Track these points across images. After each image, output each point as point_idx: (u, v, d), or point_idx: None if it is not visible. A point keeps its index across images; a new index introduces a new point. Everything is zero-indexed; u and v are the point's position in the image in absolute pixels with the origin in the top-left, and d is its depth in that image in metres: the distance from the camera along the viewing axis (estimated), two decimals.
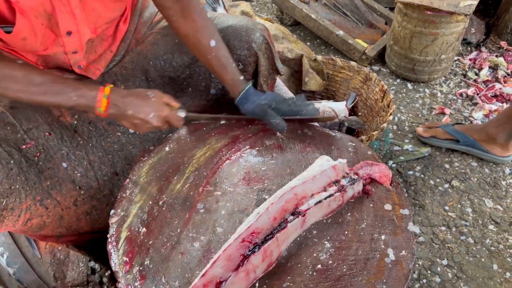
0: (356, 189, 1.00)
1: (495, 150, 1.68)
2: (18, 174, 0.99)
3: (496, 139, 1.65)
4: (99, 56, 1.14)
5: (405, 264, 0.87)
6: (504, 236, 1.49)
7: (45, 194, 1.06)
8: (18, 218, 0.98)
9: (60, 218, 1.11)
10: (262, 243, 0.82)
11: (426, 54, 2.05)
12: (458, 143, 1.74)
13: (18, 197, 0.97)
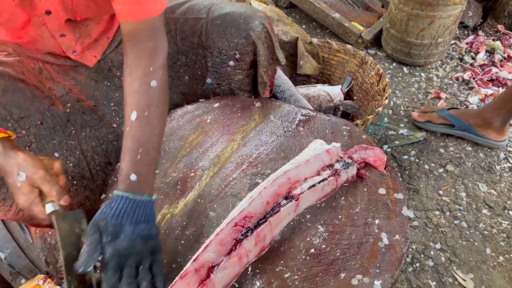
0: (350, 173, 0.99)
1: (491, 135, 1.67)
2: None
3: (492, 123, 1.64)
4: (95, 41, 1.10)
5: (398, 248, 0.87)
6: (497, 220, 1.49)
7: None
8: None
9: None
10: (255, 228, 0.81)
11: (422, 38, 2.03)
12: (453, 127, 1.73)
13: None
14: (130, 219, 0.78)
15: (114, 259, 0.74)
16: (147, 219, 0.80)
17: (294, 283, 0.81)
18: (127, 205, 0.78)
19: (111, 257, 0.74)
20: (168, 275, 0.82)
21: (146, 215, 0.80)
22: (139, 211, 0.79)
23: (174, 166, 1.04)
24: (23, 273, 1.31)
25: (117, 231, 0.76)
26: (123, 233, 0.76)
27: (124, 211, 0.78)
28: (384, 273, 0.82)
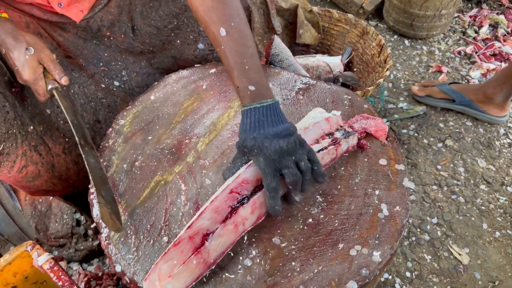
0: (350, 142, 0.96)
1: (492, 110, 1.64)
2: (15, 118, 0.93)
3: (494, 99, 1.61)
4: None
5: (398, 219, 0.84)
6: (495, 196, 1.48)
7: (39, 139, 1.01)
8: (14, 164, 0.94)
9: (52, 166, 1.06)
10: (251, 195, 0.78)
11: (426, 9, 1.97)
12: (454, 102, 1.70)
13: (14, 142, 0.92)
14: (266, 125, 0.79)
15: (268, 165, 0.76)
16: (280, 120, 0.81)
17: (291, 253, 0.79)
18: (258, 114, 0.80)
19: (265, 164, 0.76)
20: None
21: (277, 116, 0.81)
22: (271, 115, 0.81)
23: (168, 133, 1.00)
24: (12, 241, 1.28)
25: (260, 142, 0.77)
26: (266, 141, 0.77)
27: (258, 121, 0.80)
28: (384, 244, 0.80)
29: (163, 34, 1.18)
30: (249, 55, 0.84)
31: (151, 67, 1.21)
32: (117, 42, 1.15)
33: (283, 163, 0.77)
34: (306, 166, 0.78)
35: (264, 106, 0.81)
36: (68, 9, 1.01)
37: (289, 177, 0.76)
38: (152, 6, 1.13)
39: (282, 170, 0.77)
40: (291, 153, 0.78)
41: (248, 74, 0.83)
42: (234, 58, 0.84)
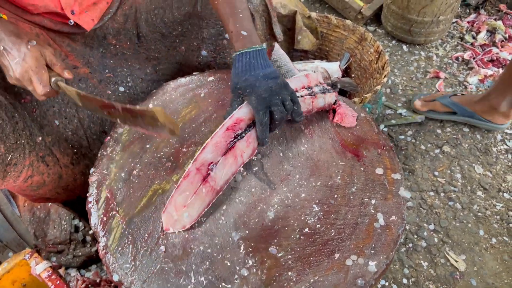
0: (327, 99, 1.04)
1: (496, 119, 1.63)
2: (23, 128, 0.94)
3: (498, 108, 1.60)
4: (93, 4, 1.05)
5: (394, 229, 0.85)
6: (492, 203, 1.49)
7: (47, 150, 1.02)
8: (20, 174, 0.94)
9: (59, 177, 1.07)
10: (245, 131, 0.90)
11: (424, 15, 1.97)
12: (456, 114, 1.69)
13: (22, 152, 0.93)
14: (257, 68, 0.92)
15: (260, 103, 0.87)
16: (268, 64, 0.94)
17: (288, 262, 0.79)
18: (249, 58, 0.92)
19: (257, 101, 0.87)
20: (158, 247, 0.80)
21: (265, 61, 0.94)
22: (260, 59, 0.93)
23: (166, 141, 1.00)
24: (11, 246, 1.29)
25: (252, 82, 0.90)
26: (257, 81, 0.90)
27: (249, 64, 0.92)
28: (379, 254, 0.81)
29: (168, 40, 1.19)
30: (243, 7, 0.98)
31: (156, 73, 1.22)
32: (123, 49, 1.16)
33: (272, 101, 0.88)
34: (290, 105, 0.89)
35: (254, 51, 0.93)
36: (80, 17, 1.02)
37: (277, 113, 0.87)
38: (157, 14, 1.14)
39: (271, 107, 0.87)
40: (278, 93, 0.89)
41: (242, 22, 0.96)
42: (231, 8, 0.97)
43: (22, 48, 0.86)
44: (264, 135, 0.89)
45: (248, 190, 0.90)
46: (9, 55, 0.86)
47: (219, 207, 0.87)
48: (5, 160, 0.88)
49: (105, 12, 1.09)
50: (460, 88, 1.91)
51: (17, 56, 0.86)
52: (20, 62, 0.86)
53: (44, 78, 0.87)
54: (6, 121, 0.89)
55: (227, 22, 0.98)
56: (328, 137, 1.02)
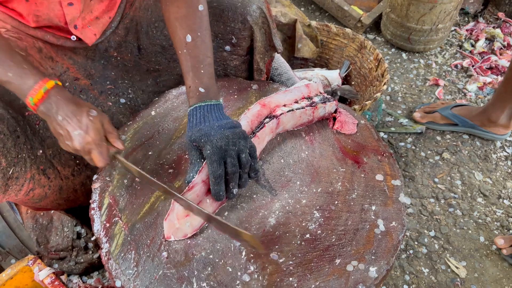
0: (327, 109, 1.05)
1: (497, 130, 1.65)
2: (25, 142, 0.94)
3: (498, 121, 1.61)
4: (95, 18, 1.06)
5: (394, 235, 0.86)
6: (492, 209, 1.49)
7: (48, 163, 1.02)
8: (21, 188, 0.94)
9: (60, 189, 1.07)
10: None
11: (423, 23, 1.99)
12: (457, 126, 1.70)
13: (23, 166, 0.93)
14: (212, 119, 0.88)
15: (215, 153, 0.83)
16: (224, 117, 0.90)
17: (289, 268, 0.80)
18: (204, 111, 0.89)
19: (212, 151, 0.83)
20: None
21: (221, 114, 0.91)
22: (215, 112, 0.90)
23: (168, 148, 1.01)
24: (13, 253, 1.29)
25: (207, 131, 0.86)
26: (212, 130, 0.86)
27: (204, 116, 0.88)
28: (380, 260, 0.82)
29: (168, 52, 1.20)
30: (206, 63, 0.95)
31: (157, 85, 1.23)
32: (124, 61, 1.17)
33: (228, 152, 0.84)
34: (246, 158, 0.85)
35: (209, 104, 0.90)
36: (83, 32, 1.03)
37: (229, 166, 0.83)
38: (157, 26, 1.16)
39: (225, 158, 0.84)
40: (235, 144, 0.85)
41: (202, 78, 0.93)
42: (193, 62, 0.94)
43: (83, 119, 0.83)
44: (218, 188, 0.84)
45: (249, 196, 0.91)
46: (68, 126, 0.82)
47: (221, 213, 0.88)
48: (7, 174, 0.88)
49: (107, 26, 1.11)
50: (460, 96, 1.93)
51: (78, 128, 0.82)
52: (83, 135, 0.82)
53: (104, 152, 0.84)
54: (8, 136, 0.89)
55: (186, 75, 0.94)
56: (328, 144, 1.03)
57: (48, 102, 0.82)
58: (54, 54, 1.06)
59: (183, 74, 0.96)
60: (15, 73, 0.81)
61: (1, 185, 0.87)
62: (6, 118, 0.91)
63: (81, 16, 1.01)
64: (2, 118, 0.90)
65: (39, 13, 0.97)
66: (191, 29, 0.95)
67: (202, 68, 0.94)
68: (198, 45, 0.95)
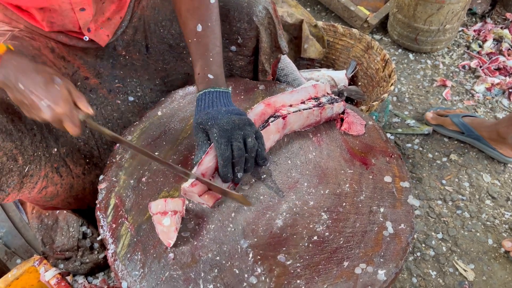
0: (335, 109, 1.04)
1: (504, 150, 1.60)
2: (41, 140, 0.95)
3: (507, 139, 1.56)
4: (107, 20, 1.07)
5: (403, 237, 0.85)
6: (500, 211, 1.48)
7: (61, 161, 1.02)
8: (35, 185, 0.95)
9: (71, 187, 1.08)
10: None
11: (430, 23, 1.98)
12: (464, 135, 1.67)
13: (38, 164, 0.93)
14: (220, 104, 0.90)
15: (222, 135, 0.84)
16: (231, 104, 0.92)
17: (296, 270, 0.79)
18: (212, 96, 0.91)
19: (219, 134, 0.84)
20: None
21: (229, 101, 0.93)
22: (223, 98, 0.92)
23: (175, 149, 1.01)
24: (19, 253, 1.29)
25: (214, 115, 0.87)
26: (219, 114, 0.87)
27: (212, 101, 0.90)
28: (388, 263, 0.81)
29: (175, 51, 1.20)
30: (215, 52, 0.97)
31: (165, 85, 1.23)
32: (132, 60, 1.17)
33: (234, 135, 0.85)
34: (253, 142, 0.86)
35: (217, 91, 0.92)
36: (96, 34, 1.04)
37: (235, 149, 0.84)
38: (165, 25, 1.16)
39: (232, 142, 0.84)
40: (241, 128, 0.86)
41: (211, 66, 0.95)
42: (202, 50, 0.96)
43: (49, 89, 0.79)
44: (227, 170, 0.85)
45: (256, 197, 0.91)
46: (33, 96, 0.78)
47: (228, 215, 0.88)
48: (23, 172, 0.88)
49: (118, 26, 1.11)
50: (467, 97, 1.91)
51: (46, 98, 0.79)
52: (52, 107, 0.79)
53: (76, 120, 0.83)
54: (25, 133, 0.90)
55: (196, 63, 0.97)
56: (336, 145, 1.02)
57: (3, 69, 0.79)
58: (66, 54, 1.07)
59: (193, 62, 0.98)
60: None
61: (16, 182, 0.87)
62: (23, 116, 0.92)
63: (94, 19, 1.01)
64: (20, 116, 0.91)
65: (53, 19, 0.98)
66: (201, 19, 0.98)
67: (211, 57, 0.96)
68: (208, 35, 0.98)
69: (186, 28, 0.99)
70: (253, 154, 0.87)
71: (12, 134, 0.86)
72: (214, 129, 0.85)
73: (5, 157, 0.84)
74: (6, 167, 0.84)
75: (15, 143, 0.86)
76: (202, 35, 0.97)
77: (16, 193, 0.89)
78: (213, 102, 0.91)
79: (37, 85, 0.79)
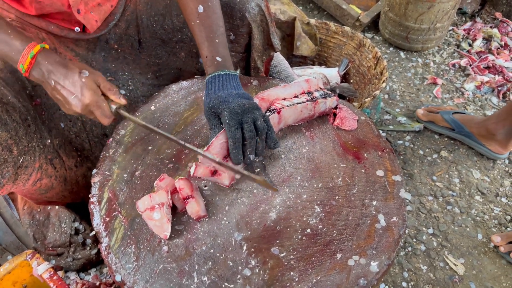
0: (328, 104, 1.05)
1: (493, 147, 1.62)
2: (35, 131, 0.95)
3: (496, 135, 1.58)
4: (98, 5, 1.06)
5: (395, 230, 0.86)
6: (489, 207, 1.50)
7: (54, 153, 1.02)
8: (29, 177, 0.95)
9: (65, 180, 1.08)
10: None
11: (421, 22, 2.00)
12: (454, 131, 1.69)
13: (33, 155, 0.93)
14: (229, 87, 0.91)
15: (232, 118, 0.85)
16: (240, 87, 0.94)
17: (290, 262, 0.80)
18: (222, 79, 0.92)
19: (229, 117, 0.86)
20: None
21: (238, 84, 0.94)
22: (233, 81, 0.93)
23: (168, 143, 1.01)
24: (10, 250, 1.28)
25: (225, 98, 0.88)
26: (230, 97, 0.89)
27: (222, 84, 0.91)
28: (381, 255, 0.81)
29: (168, 46, 1.20)
30: (220, 33, 0.97)
31: (157, 79, 1.23)
32: (124, 54, 1.17)
33: (244, 118, 0.87)
34: (262, 125, 0.88)
35: (227, 74, 0.93)
36: (85, 17, 1.03)
37: (246, 131, 0.86)
38: (157, 20, 1.16)
39: (242, 124, 0.86)
40: (251, 112, 0.88)
41: (217, 48, 0.95)
42: (207, 32, 0.96)
43: (76, 81, 0.83)
44: (237, 152, 0.87)
45: (250, 191, 0.91)
46: (63, 90, 0.83)
47: (221, 208, 0.88)
48: (17, 163, 0.88)
49: (109, 18, 1.11)
50: (457, 94, 1.93)
51: (74, 91, 0.82)
52: (79, 98, 0.83)
53: (106, 110, 0.86)
54: (20, 124, 0.89)
55: (202, 46, 0.97)
56: (329, 139, 1.03)
57: (38, 67, 0.82)
58: (57, 45, 1.06)
59: (198, 44, 0.98)
60: (3, 41, 0.81)
61: (11, 174, 0.87)
62: (17, 106, 0.91)
63: (84, 1, 1.00)
64: (14, 106, 0.90)
65: (42, 2, 0.97)
66: (203, 1, 0.98)
67: (216, 38, 0.96)
68: (210, 15, 0.98)
69: (187, 10, 0.99)
70: (263, 137, 0.89)
71: (7, 124, 0.86)
72: (225, 112, 0.87)
73: (0, 147, 0.83)
74: (1, 157, 0.84)
75: (10, 133, 0.86)
76: (204, 16, 0.97)
77: (10, 184, 0.89)
78: (223, 85, 0.92)
79: (65, 79, 0.83)
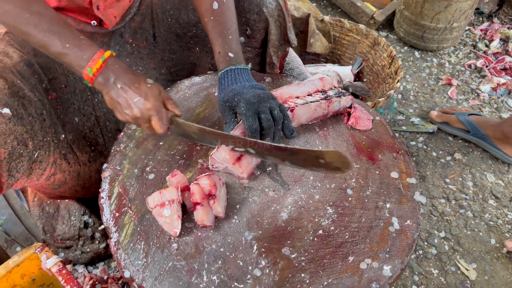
0: (342, 103, 1.03)
1: (508, 150, 1.58)
2: (50, 126, 0.95)
3: (511, 138, 1.55)
4: (116, 1, 1.05)
5: (409, 234, 0.84)
6: (503, 212, 1.47)
7: (68, 148, 1.02)
8: (44, 172, 0.94)
9: (78, 175, 1.08)
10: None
11: (437, 21, 1.96)
12: (469, 133, 1.66)
13: (47, 150, 0.93)
14: (243, 80, 0.92)
15: (249, 108, 0.86)
16: (253, 80, 0.94)
17: (301, 264, 0.78)
18: (235, 74, 0.93)
19: (246, 107, 0.86)
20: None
21: (250, 77, 0.95)
22: (245, 75, 0.94)
23: (180, 139, 1.00)
24: (19, 241, 1.29)
25: (240, 91, 0.89)
26: (245, 89, 0.89)
27: (234, 78, 0.92)
28: (394, 259, 0.80)
29: (183, 41, 1.19)
30: (233, 29, 0.98)
31: (171, 74, 1.22)
32: (139, 48, 1.16)
33: (261, 108, 0.86)
34: (278, 114, 0.87)
35: (239, 68, 0.94)
36: (104, 13, 1.03)
37: (264, 121, 0.86)
38: (172, 14, 1.15)
39: (259, 114, 0.86)
40: (267, 101, 0.88)
41: (230, 44, 0.96)
42: (220, 29, 0.97)
43: (142, 86, 0.85)
44: None
45: (261, 190, 0.90)
46: (128, 93, 0.84)
47: (232, 206, 0.87)
48: (32, 157, 0.88)
49: (126, 13, 1.10)
50: (473, 96, 1.90)
51: (138, 95, 0.83)
52: (143, 101, 0.83)
53: (164, 117, 0.85)
54: (36, 118, 0.89)
55: (215, 42, 0.97)
56: (342, 139, 1.01)
57: (106, 72, 0.83)
58: None
59: (211, 40, 0.98)
60: (73, 45, 0.82)
61: (26, 168, 0.87)
62: (34, 100, 0.91)
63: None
64: (30, 100, 0.90)
65: None
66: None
67: (229, 34, 0.97)
68: (224, 12, 0.98)
69: (202, 6, 1.00)
70: (279, 126, 0.88)
71: (23, 118, 0.86)
72: (241, 104, 0.87)
73: (15, 141, 0.83)
74: (17, 151, 0.83)
75: (25, 127, 0.85)
76: (219, 12, 0.98)
77: (25, 179, 0.88)
78: (236, 78, 0.92)
79: (131, 84, 0.84)
